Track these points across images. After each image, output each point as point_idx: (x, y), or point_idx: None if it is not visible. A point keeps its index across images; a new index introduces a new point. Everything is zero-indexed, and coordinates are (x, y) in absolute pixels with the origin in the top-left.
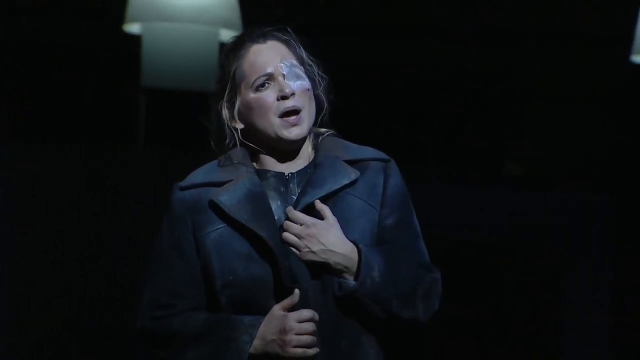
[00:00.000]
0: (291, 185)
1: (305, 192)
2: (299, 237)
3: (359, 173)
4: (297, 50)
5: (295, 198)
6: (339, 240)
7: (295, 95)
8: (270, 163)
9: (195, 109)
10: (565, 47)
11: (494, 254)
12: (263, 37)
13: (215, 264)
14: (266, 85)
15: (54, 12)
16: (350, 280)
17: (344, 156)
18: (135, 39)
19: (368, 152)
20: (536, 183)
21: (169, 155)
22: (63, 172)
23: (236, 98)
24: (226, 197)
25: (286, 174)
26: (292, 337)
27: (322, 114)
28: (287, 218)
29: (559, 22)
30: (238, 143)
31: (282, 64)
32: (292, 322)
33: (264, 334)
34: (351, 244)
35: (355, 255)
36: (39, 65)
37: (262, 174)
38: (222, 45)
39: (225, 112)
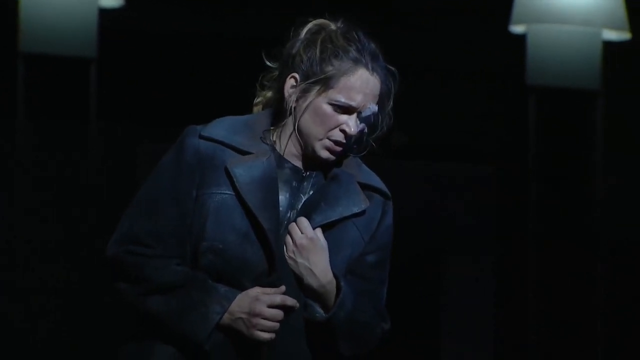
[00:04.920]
0: (305, 183)
1: (319, 208)
2: (293, 241)
3: (368, 203)
4: (387, 99)
5: (303, 198)
6: (324, 267)
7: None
8: (291, 152)
9: (76, 77)
10: (444, 21)
11: None
12: (374, 66)
13: (208, 227)
14: (342, 109)
15: None
16: (318, 309)
17: (358, 177)
18: (14, 3)
19: (376, 181)
20: (419, 154)
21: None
22: None
23: (311, 92)
24: (241, 172)
25: (304, 172)
26: (259, 321)
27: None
28: (293, 218)
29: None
30: (292, 124)
31: (369, 107)
32: (262, 306)
33: (234, 309)
34: (332, 276)
35: (331, 288)
36: None
37: (280, 161)
38: (102, 11)
39: (293, 94)
